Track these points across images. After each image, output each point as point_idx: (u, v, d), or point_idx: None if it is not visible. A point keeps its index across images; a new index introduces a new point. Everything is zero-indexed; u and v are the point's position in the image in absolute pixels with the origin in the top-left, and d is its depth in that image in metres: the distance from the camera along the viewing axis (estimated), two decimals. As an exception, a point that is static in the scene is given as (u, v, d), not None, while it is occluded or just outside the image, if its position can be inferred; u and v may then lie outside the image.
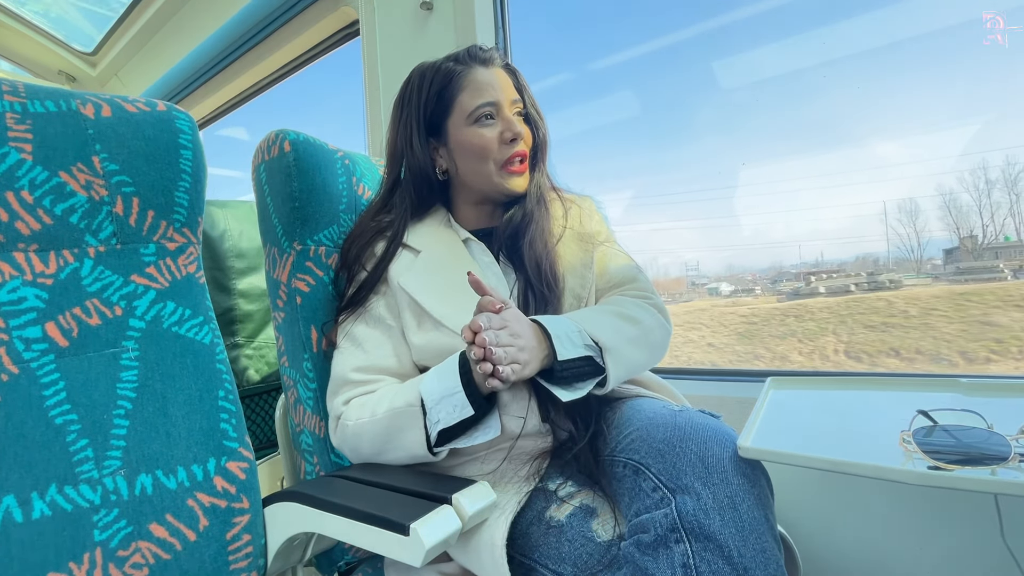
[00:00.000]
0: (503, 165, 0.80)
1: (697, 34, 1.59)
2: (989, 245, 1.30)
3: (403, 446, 0.70)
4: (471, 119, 0.80)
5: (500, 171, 0.81)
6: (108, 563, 0.61)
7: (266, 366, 1.29)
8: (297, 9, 1.66)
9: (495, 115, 0.80)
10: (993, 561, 0.76)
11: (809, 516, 0.92)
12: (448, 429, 0.67)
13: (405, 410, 0.69)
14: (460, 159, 0.83)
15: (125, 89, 2.60)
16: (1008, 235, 1.28)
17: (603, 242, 0.86)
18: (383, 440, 0.71)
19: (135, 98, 0.75)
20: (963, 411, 0.53)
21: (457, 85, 0.81)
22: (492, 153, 0.80)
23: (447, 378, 0.67)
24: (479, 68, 0.81)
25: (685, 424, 0.61)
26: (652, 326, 0.76)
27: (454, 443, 0.69)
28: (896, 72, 1.28)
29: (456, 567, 0.69)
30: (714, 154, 1.66)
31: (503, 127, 0.80)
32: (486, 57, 0.83)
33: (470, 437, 0.68)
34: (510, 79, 0.84)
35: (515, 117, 0.82)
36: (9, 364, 0.62)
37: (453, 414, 0.65)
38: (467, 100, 0.80)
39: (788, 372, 0.82)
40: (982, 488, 0.47)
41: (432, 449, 0.69)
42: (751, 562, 0.51)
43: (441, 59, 0.84)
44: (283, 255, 0.85)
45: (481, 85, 0.80)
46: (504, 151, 0.80)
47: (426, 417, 0.67)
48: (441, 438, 0.68)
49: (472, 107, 0.80)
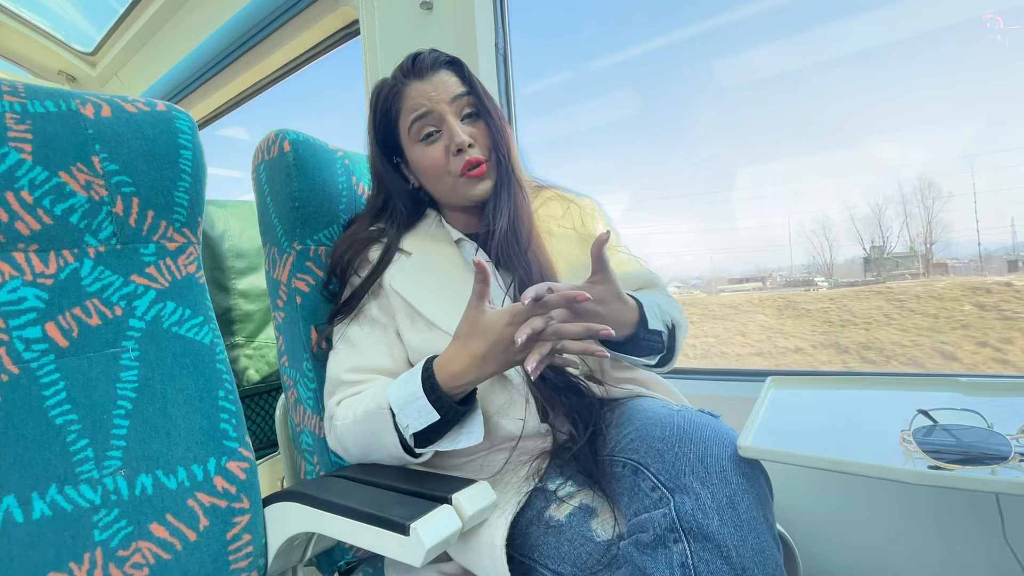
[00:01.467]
0: (461, 175, 0.78)
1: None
2: (891, 254, 1.51)
3: (383, 447, 0.69)
4: (415, 138, 0.79)
5: (459, 180, 0.78)
6: (108, 563, 0.61)
7: (266, 366, 1.29)
8: (297, 9, 1.65)
9: (439, 126, 0.78)
10: (995, 561, 0.76)
11: (809, 516, 0.92)
12: (427, 433, 0.66)
13: (377, 412, 0.68)
14: (421, 177, 0.82)
15: (125, 89, 2.60)
16: (912, 246, 1.48)
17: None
18: (365, 441, 0.71)
19: (135, 98, 0.75)
20: (963, 410, 0.53)
21: (397, 107, 0.80)
22: (443, 168, 0.78)
23: (410, 383, 0.66)
24: (413, 83, 0.78)
25: (684, 424, 0.60)
26: (685, 324, 0.79)
27: (436, 446, 0.68)
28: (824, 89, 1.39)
29: (456, 567, 0.69)
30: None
31: (447, 140, 0.77)
32: (421, 67, 0.78)
33: (453, 441, 0.67)
34: (454, 76, 0.79)
35: (459, 124, 0.77)
36: (9, 364, 0.62)
37: (419, 419, 0.65)
38: (406, 119, 0.79)
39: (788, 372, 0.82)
40: (983, 488, 0.47)
41: (412, 452, 0.68)
42: (750, 562, 0.51)
43: (385, 79, 0.82)
44: (283, 255, 0.85)
45: (416, 101, 0.78)
46: (455, 163, 0.77)
47: (396, 420, 0.67)
48: (423, 440, 0.68)
49: (410, 124, 0.78)
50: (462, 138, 0.76)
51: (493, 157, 0.79)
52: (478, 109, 0.79)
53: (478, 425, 0.68)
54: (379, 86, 0.82)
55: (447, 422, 0.66)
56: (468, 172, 0.77)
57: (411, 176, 0.84)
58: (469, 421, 0.69)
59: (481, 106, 0.79)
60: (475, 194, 0.79)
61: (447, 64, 0.80)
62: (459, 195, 0.80)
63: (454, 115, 0.78)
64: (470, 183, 0.78)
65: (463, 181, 0.78)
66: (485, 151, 0.79)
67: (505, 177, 0.79)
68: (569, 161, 2.09)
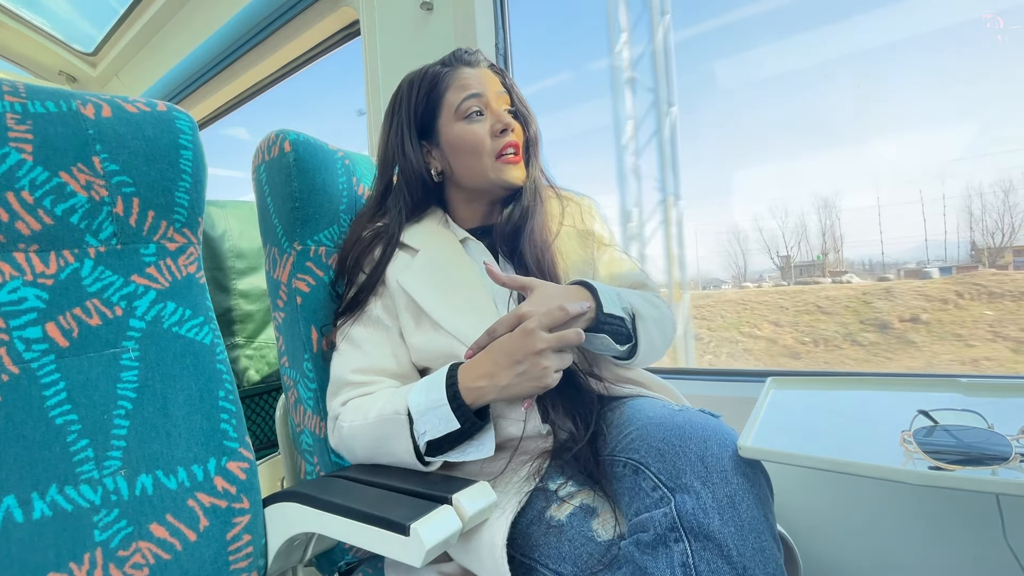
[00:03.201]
0: (497, 157, 0.80)
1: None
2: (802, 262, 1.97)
3: (393, 453, 0.69)
4: (460, 115, 0.80)
5: (495, 163, 0.80)
6: (108, 563, 0.61)
7: (266, 366, 1.29)
8: (297, 9, 1.66)
9: (484, 110, 0.80)
10: (995, 561, 0.76)
11: (809, 516, 0.92)
12: (439, 441, 0.66)
13: (393, 418, 0.68)
14: (454, 157, 0.83)
15: (125, 89, 2.60)
16: (819, 255, 1.94)
17: (607, 245, 0.86)
18: (373, 445, 0.71)
19: (135, 98, 0.75)
20: (963, 411, 0.53)
21: (444, 85, 0.82)
22: (485, 146, 0.80)
23: (433, 390, 0.66)
24: (464, 68, 0.82)
25: (685, 424, 0.60)
26: (669, 316, 0.79)
27: (446, 456, 0.68)
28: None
29: (456, 567, 0.69)
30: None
31: (493, 119, 0.80)
32: (471, 59, 0.84)
33: (463, 452, 0.68)
34: (496, 78, 0.84)
35: (504, 111, 0.82)
36: (9, 364, 0.62)
37: (439, 426, 0.65)
38: (454, 97, 0.81)
39: (788, 372, 0.82)
40: (983, 488, 0.47)
41: (423, 459, 0.68)
42: (750, 561, 0.51)
43: (428, 65, 0.85)
44: (283, 255, 0.85)
45: (467, 81, 0.81)
46: (496, 143, 0.80)
47: (413, 427, 0.67)
48: (433, 449, 0.68)
49: (459, 102, 0.80)
50: (508, 119, 0.80)
51: (524, 156, 0.83)
52: (516, 112, 0.84)
53: (489, 438, 0.68)
54: (416, 74, 0.85)
55: (462, 432, 0.66)
56: (506, 155, 0.80)
57: (437, 160, 0.85)
58: (481, 433, 0.68)
59: (519, 108, 0.84)
60: (507, 178, 0.81)
61: (492, 67, 0.85)
62: (489, 178, 0.81)
63: (498, 104, 0.81)
64: (506, 167, 0.80)
65: (499, 164, 0.80)
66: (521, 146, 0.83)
67: (532, 177, 0.83)
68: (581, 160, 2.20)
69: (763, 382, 0.77)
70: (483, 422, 0.67)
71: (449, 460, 0.69)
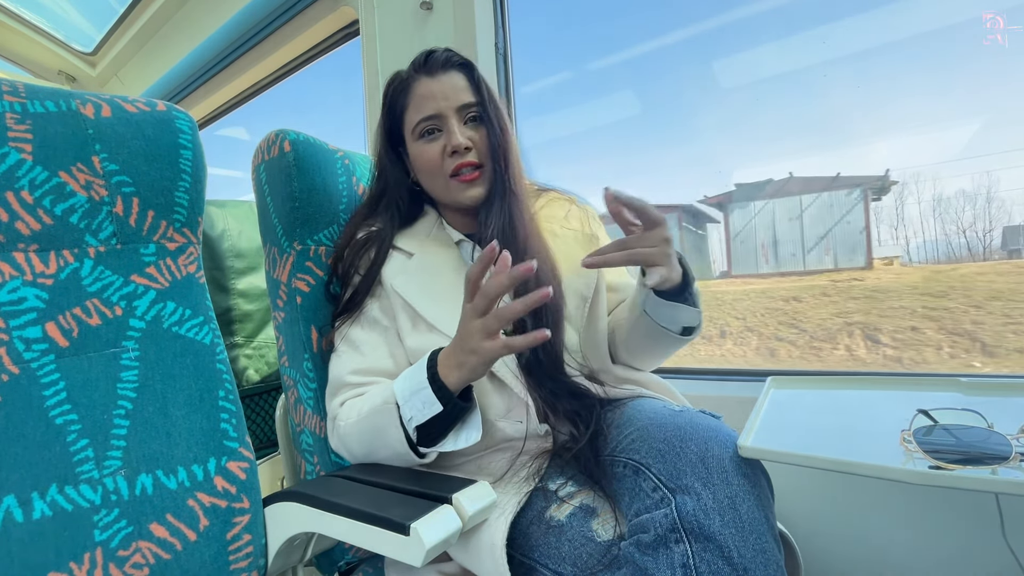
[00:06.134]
0: (451, 176, 0.78)
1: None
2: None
3: (388, 444, 0.69)
4: (416, 134, 0.80)
5: (449, 183, 0.79)
6: (108, 563, 0.61)
7: (266, 366, 1.29)
8: (297, 9, 1.65)
9: (441, 126, 0.78)
10: (994, 560, 0.76)
11: (809, 516, 0.92)
12: (431, 431, 0.66)
13: (382, 407, 0.68)
14: (417, 173, 0.83)
15: (125, 89, 2.60)
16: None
17: None
18: (369, 439, 0.71)
19: (135, 98, 0.75)
20: (963, 410, 0.53)
21: (405, 99, 0.81)
22: (438, 167, 0.78)
23: (416, 374, 0.67)
24: (423, 79, 0.79)
25: (685, 424, 0.61)
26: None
27: (439, 446, 0.68)
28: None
29: (456, 567, 0.69)
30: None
31: (445, 140, 0.78)
32: (433, 64, 0.80)
33: (454, 441, 0.68)
34: (464, 80, 0.80)
35: (460, 126, 0.78)
36: (9, 364, 0.62)
37: (424, 410, 0.65)
38: (411, 115, 0.80)
39: (788, 372, 0.82)
40: (983, 487, 0.47)
41: (417, 450, 0.68)
42: (751, 562, 0.51)
43: (399, 71, 0.84)
44: (283, 255, 0.85)
45: (423, 99, 0.79)
46: (449, 163, 0.78)
47: (400, 413, 0.67)
48: (425, 439, 0.67)
49: (414, 123, 0.79)
50: (458, 140, 0.76)
51: (490, 164, 0.79)
52: (481, 115, 0.79)
53: (476, 424, 0.68)
54: (392, 78, 0.84)
55: (448, 417, 0.66)
56: (459, 176, 0.78)
57: (412, 171, 0.85)
58: (469, 419, 0.69)
59: (485, 112, 0.79)
60: (464, 198, 0.79)
61: (459, 66, 0.81)
62: (450, 197, 0.80)
63: (457, 117, 0.78)
64: (460, 187, 0.78)
65: (454, 184, 0.78)
66: (483, 156, 0.79)
67: (500, 186, 0.78)
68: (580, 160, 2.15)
69: (763, 382, 0.77)
70: (466, 403, 0.67)
71: (444, 451, 0.68)
